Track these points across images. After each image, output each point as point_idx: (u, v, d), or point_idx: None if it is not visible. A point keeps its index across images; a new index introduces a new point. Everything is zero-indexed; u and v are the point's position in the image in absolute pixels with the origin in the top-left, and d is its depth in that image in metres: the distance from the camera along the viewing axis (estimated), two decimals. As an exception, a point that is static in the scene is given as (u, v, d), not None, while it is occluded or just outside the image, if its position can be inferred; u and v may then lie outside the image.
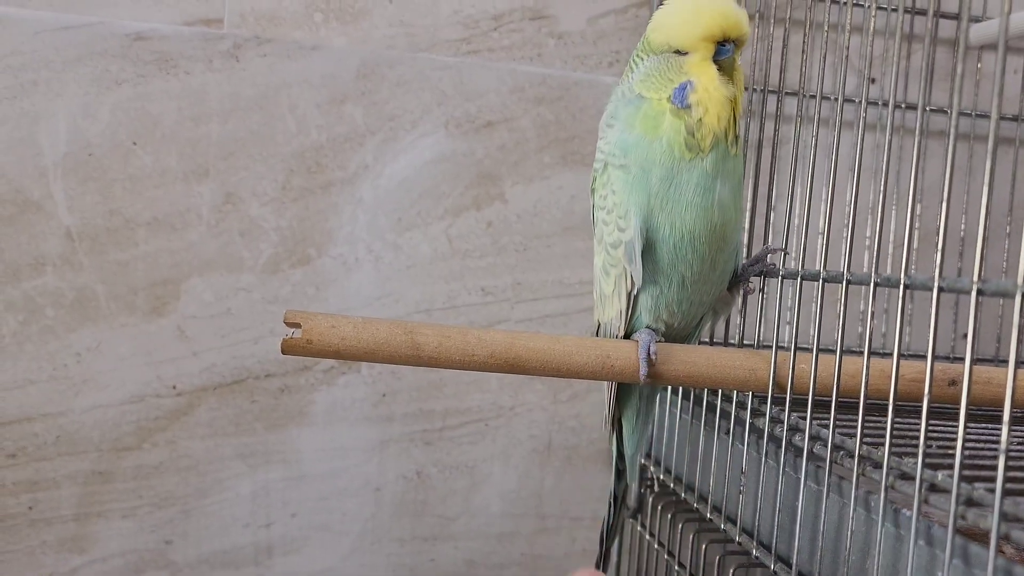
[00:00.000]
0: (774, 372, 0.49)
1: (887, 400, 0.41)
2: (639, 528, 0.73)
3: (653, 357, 0.48)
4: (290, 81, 0.73)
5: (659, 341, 0.50)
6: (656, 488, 0.70)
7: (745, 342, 0.58)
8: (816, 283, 0.47)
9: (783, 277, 0.51)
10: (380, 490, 0.76)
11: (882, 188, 0.43)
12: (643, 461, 0.71)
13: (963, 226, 0.79)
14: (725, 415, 0.58)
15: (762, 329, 0.62)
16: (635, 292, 0.49)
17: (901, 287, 0.40)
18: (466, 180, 0.75)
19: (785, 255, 0.54)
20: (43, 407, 0.71)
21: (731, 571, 0.56)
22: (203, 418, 0.73)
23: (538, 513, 0.78)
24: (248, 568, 0.74)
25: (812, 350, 0.47)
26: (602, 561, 0.62)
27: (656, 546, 0.69)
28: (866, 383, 0.43)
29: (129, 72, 0.71)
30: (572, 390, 0.78)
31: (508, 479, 0.78)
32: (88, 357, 0.71)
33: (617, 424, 0.57)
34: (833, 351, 0.46)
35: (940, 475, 0.38)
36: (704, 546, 0.61)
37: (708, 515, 0.59)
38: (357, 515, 0.76)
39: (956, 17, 0.78)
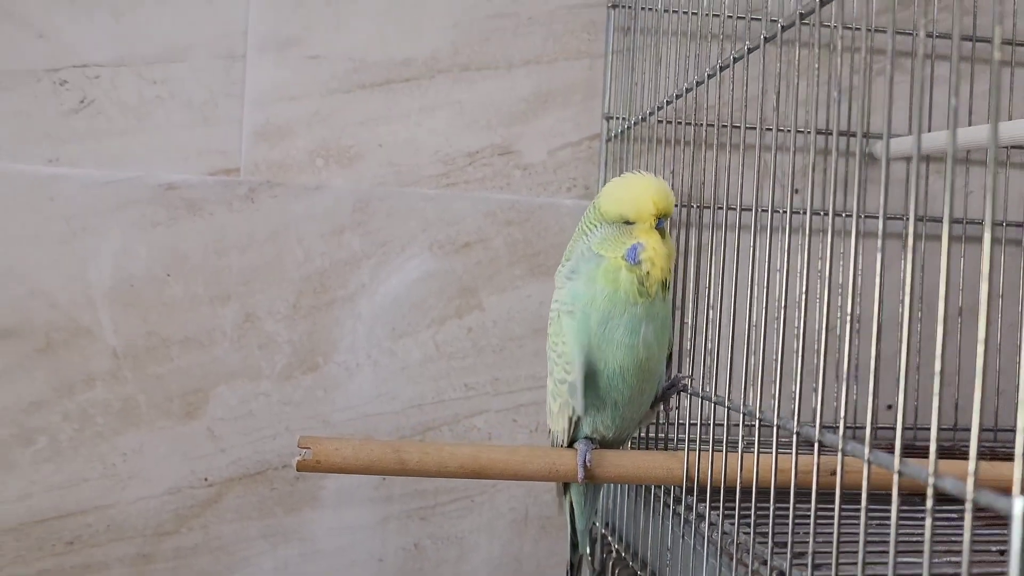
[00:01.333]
0: (686, 470, 0.62)
1: (780, 490, 0.53)
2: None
3: (588, 464, 0.61)
4: (297, 217, 0.87)
5: (595, 448, 0.62)
6: (614, 556, 0.83)
7: (671, 444, 0.71)
8: (718, 406, 0.59)
9: (691, 395, 0.63)
10: (383, 560, 0.88)
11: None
12: (603, 531, 0.83)
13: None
14: (656, 499, 0.70)
15: (678, 433, 0.75)
16: (575, 418, 0.62)
17: (775, 429, 0.53)
18: (449, 293, 0.89)
19: (691, 379, 0.66)
20: (95, 501, 0.84)
21: None
22: (231, 504, 0.86)
23: (519, 574, 0.91)
24: (272, 632, 0.87)
25: (717, 449, 0.59)
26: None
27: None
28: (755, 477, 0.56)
29: (162, 215, 0.85)
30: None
31: (493, 547, 0.90)
32: (132, 457, 0.85)
33: (570, 505, 0.70)
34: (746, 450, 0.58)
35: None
36: None
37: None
38: (364, 583, 0.88)
39: (856, 135, 0.91)
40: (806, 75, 0.52)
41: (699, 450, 0.61)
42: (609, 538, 0.83)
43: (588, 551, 0.76)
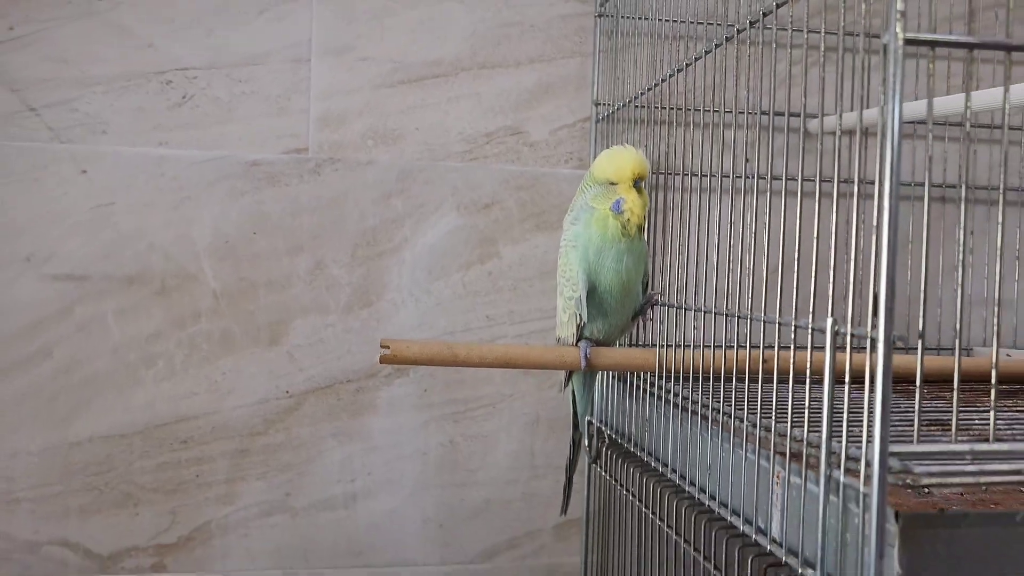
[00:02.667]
0: (659, 359, 0.86)
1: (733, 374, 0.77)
2: (600, 471, 1.09)
3: (588, 355, 0.85)
4: (353, 186, 1.10)
5: (593, 347, 0.87)
6: (608, 442, 1.07)
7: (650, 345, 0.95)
8: (682, 310, 0.84)
9: (663, 306, 0.88)
10: (426, 454, 1.13)
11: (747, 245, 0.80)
12: (598, 424, 1.07)
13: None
14: (638, 388, 0.95)
15: (655, 336, 0.99)
16: (582, 324, 0.86)
17: (737, 318, 0.77)
18: (473, 244, 1.13)
19: (665, 295, 0.90)
20: (203, 409, 1.08)
21: (665, 497, 0.91)
22: (307, 412, 1.10)
23: (531, 465, 1.15)
24: (341, 510, 1.11)
25: (680, 345, 0.84)
26: (568, 485, 1.00)
27: (615, 484, 1.06)
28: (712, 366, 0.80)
29: (248, 186, 1.08)
30: (551, 382, 1.15)
31: (511, 443, 1.15)
32: (230, 375, 1.08)
33: (572, 394, 0.94)
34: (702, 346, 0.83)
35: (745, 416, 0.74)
36: (644, 479, 0.97)
37: (645, 457, 0.95)
38: (411, 471, 1.13)
39: (799, 115, 1.15)
40: (755, 67, 0.75)
41: (670, 346, 0.86)
42: (603, 429, 1.07)
43: (586, 440, 1.01)
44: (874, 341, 0.50)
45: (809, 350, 0.63)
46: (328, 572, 1.11)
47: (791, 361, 0.62)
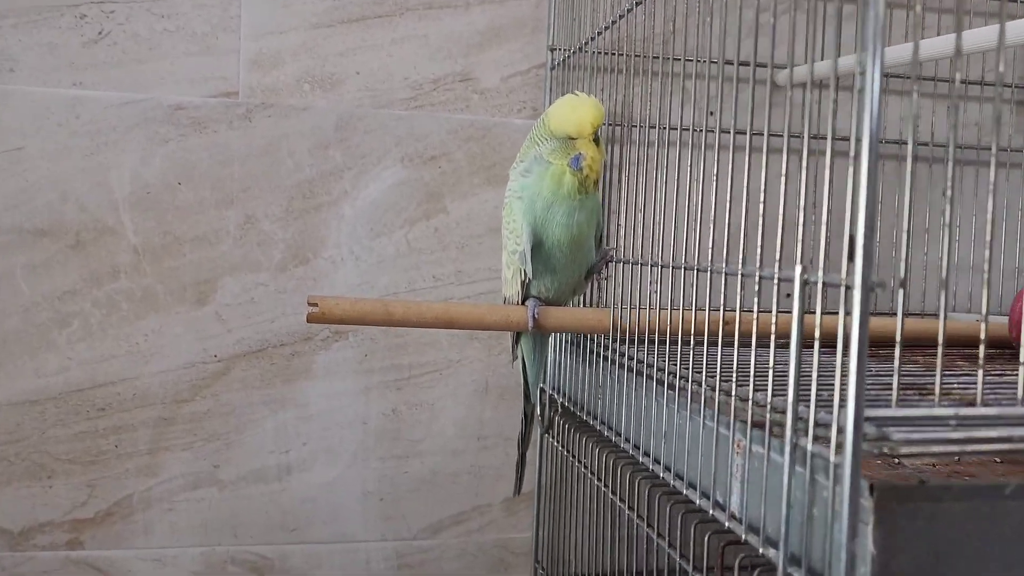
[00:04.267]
0: (613, 320, 0.80)
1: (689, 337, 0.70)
2: (552, 441, 1.03)
3: (536, 315, 0.78)
4: (288, 133, 1.02)
5: (541, 306, 0.80)
6: (560, 411, 1.01)
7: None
8: (636, 266, 0.77)
9: (617, 262, 0.81)
10: (366, 423, 1.05)
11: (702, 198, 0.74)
12: (550, 392, 1.01)
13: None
14: (590, 352, 0.88)
15: (607, 296, 0.92)
16: (527, 281, 0.79)
17: (693, 272, 0.70)
18: (418, 198, 1.05)
19: (621, 251, 0.83)
20: (123, 374, 1.00)
21: (619, 469, 0.85)
22: (237, 377, 1.02)
23: (480, 435, 1.08)
24: (274, 483, 1.04)
25: (643, 307, 0.77)
26: (520, 460, 0.93)
27: (568, 455, 0.99)
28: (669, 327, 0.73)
29: (173, 133, 0.99)
30: (501, 346, 1.08)
31: (458, 412, 1.08)
32: (153, 337, 1.00)
33: (522, 361, 0.87)
34: (656, 308, 0.76)
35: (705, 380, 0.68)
36: (596, 449, 0.91)
37: (598, 427, 0.89)
38: (350, 441, 1.05)
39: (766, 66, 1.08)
40: (720, 14, 0.68)
41: (624, 306, 0.79)
42: (556, 397, 1.01)
43: (539, 410, 0.94)
44: (849, 289, 0.43)
45: (774, 308, 0.57)
46: (260, 548, 1.04)
47: (755, 320, 0.56)
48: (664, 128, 0.82)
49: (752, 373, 0.56)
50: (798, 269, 0.49)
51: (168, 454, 1.01)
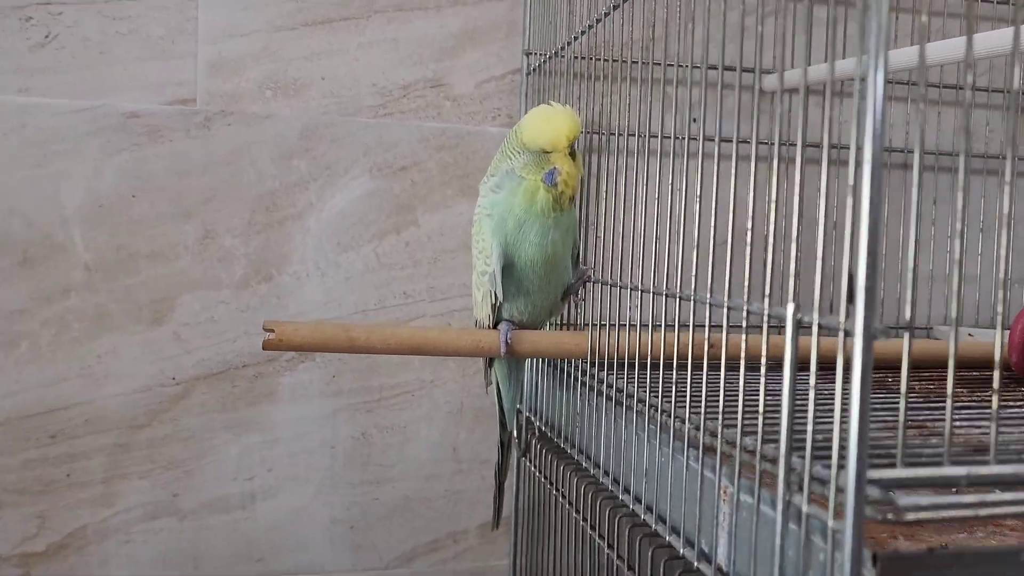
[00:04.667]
0: (591, 344, 0.75)
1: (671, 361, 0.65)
2: (530, 466, 0.98)
3: (508, 340, 0.73)
4: (249, 143, 0.96)
5: (514, 330, 0.75)
6: (538, 435, 0.96)
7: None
8: (615, 288, 0.72)
9: (596, 283, 0.76)
10: (335, 447, 1.00)
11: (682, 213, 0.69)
12: (527, 414, 0.96)
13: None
14: (569, 376, 0.83)
15: (585, 317, 0.87)
16: (497, 304, 0.74)
17: (674, 298, 0.65)
18: (387, 211, 1.00)
19: (599, 271, 0.78)
20: (75, 398, 0.94)
21: (598, 504, 0.80)
22: (197, 400, 0.97)
23: (455, 459, 1.03)
24: (237, 512, 0.98)
25: (621, 328, 0.72)
26: (497, 492, 0.88)
27: (545, 482, 0.94)
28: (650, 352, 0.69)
29: (127, 142, 0.94)
30: (476, 366, 1.03)
31: (432, 435, 1.03)
32: (107, 358, 0.94)
33: (497, 387, 0.82)
34: (639, 329, 0.71)
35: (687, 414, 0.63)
36: (575, 479, 0.86)
37: (575, 455, 0.84)
38: (318, 467, 1.00)
39: (751, 71, 1.04)
40: (703, 18, 0.64)
41: (605, 327, 0.74)
42: (533, 420, 0.96)
43: (516, 433, 0.89)
44: (849, 334, 0.39)
45: (764, 335, 0.52)
46: (222, 581, 0.98)
47: (742, 349, 0.51)
48: (645, 136, 0.77)
49: (740, 409, 0.51)
50: (790, 308, 0.44)
51: (124, 483, 0.96)
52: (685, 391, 0.59)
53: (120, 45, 0.93)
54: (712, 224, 0.57)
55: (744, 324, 0.51)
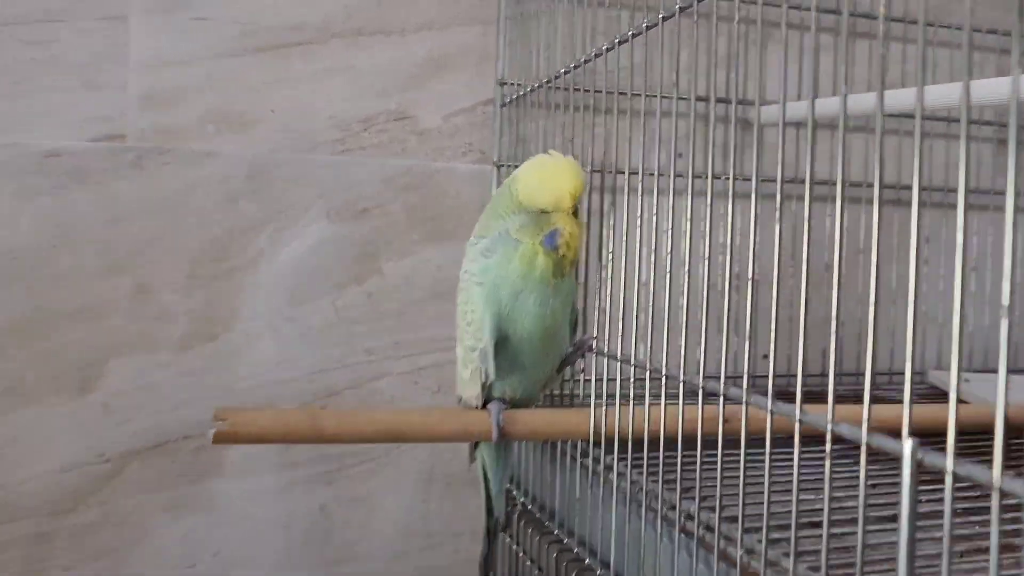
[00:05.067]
0: (592, 425, 0.66)
1: (683, 439, 0.56)
2: (508, 540, 0.88)
3: (501, 423, 0.64)
4: (190, 184, 0.85)
5: (506, 409, 0.65)
6: (520, 508, 0.86)
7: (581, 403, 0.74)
8: (617, 362, 0.63)
9: (597, 355, 0.67)
10: (289, 526, 0.89)
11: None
12: (508, 486, 0.86)
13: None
14: (564, 454, 0.74)
15: (583, 390, 0.77)
16: (488, 383, 0.64)
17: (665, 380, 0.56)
18: (348, 259, 0.89)
19: (601, 339, 0.69)
20: (-15, 481, 0.81)
21: None
22: (131, 479, 0.85)
23: (426, 532, 0.93)
24: (178, 603, 0.87)
25: (622, 405, 0.63)
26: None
27: (523, 556, 0.85)
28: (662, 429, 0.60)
29: (46, 184, 0.81)
30: (448, 428, 0.93)
31: (399, 506, 0.92)
32: (23, 436, 0.82)
33: (483, 469, 0.72)
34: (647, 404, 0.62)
35: (695, 508, 0.54)
36: (555, 556, 0.77)
37: (565, 539, 0.75)
38: (272, 548, 0.89)
39: (742, 103, 0.96)
40: (689, 47, 0.55)
41: (608, 405, 0.65)
42: (514, 492, 0.86)
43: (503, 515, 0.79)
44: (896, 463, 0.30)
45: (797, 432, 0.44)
46: None
47: (768, 428, 0.43)
48: (637, 174, 0.69)
49: (766, 509, 0.43)
50: (830, 414, 0.36)
51: (45, 576, 0.83)
52: (715, 483, 0.51)
53: (39, 73, 0.81)
54: (726, 288, 0.49)
55: (768, 420, 0.43)
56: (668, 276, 0.59)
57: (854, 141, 0.99)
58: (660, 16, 0.59)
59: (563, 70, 0.78)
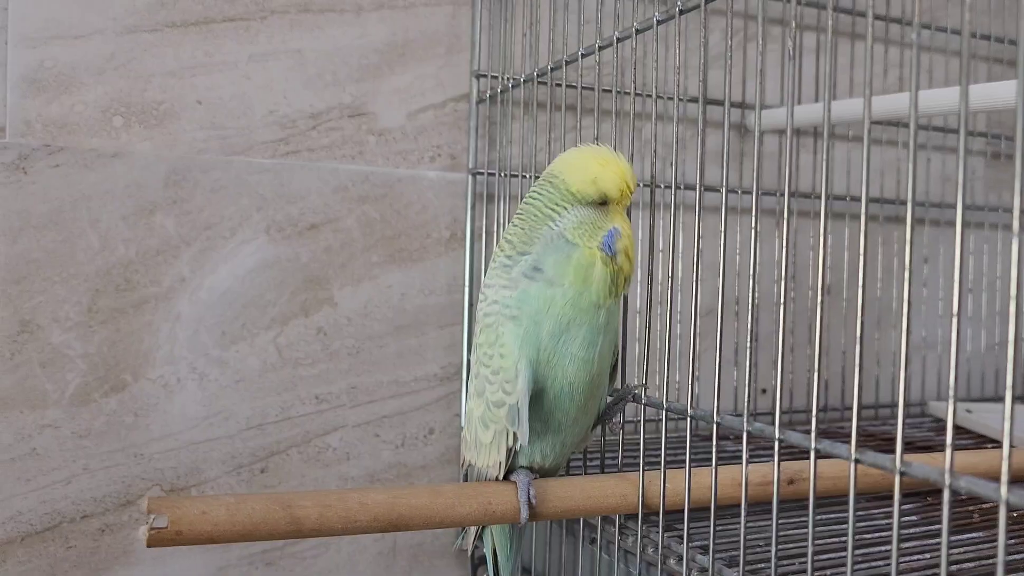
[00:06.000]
0: (642, 494, 0.51)
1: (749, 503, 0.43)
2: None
3: (532, 501, 0.49)
4: (89, 193, 0.66)
5: (535, 479, 0.50)
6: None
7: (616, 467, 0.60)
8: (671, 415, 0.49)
9: (645, 406, 0.53)
10: (220, 622, 0.71)
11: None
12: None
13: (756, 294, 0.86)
14: (591, 528, 0.59)
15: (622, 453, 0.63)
16: (515, 449, 0.49)
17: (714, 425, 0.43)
18: (292, 286, 0.72)
19: (645, 386, 0.55)
20: None
21: None
22: (12, 572, 0.65)
23: (387, 618, 0.77)
24: None
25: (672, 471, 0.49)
26: None
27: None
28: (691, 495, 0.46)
29: None
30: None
31: (354, 588, 0.75)
32: None
33: (492, 552, 0.57)
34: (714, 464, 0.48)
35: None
36: None
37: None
38: (196, 653, 0.70)
39: (741, 106, 0.85)
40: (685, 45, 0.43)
41: (652, 468, 0.51)
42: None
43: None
44: None
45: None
46: None
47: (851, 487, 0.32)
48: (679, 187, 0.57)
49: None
50: (948, 463, 0.23)
51: None
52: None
53: None
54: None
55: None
56: (720, 307, 0.45)
57: (854, 153, 0.89)
58: (677, 7, 0.48)
59: (555, 64, 0.64)
